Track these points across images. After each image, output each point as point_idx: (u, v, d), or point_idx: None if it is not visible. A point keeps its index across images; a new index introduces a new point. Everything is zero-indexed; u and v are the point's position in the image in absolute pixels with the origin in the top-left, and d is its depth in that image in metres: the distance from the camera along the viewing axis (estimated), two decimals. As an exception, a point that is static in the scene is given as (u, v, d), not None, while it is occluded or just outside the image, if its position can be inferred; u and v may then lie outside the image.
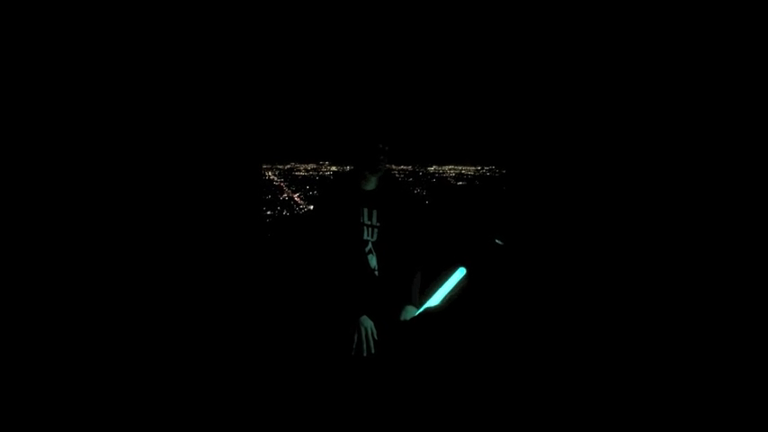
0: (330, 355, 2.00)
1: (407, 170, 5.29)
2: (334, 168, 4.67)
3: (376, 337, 1.94)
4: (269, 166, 4.48)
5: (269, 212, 4.39)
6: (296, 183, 4.68)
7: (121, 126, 2.97)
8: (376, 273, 2.05)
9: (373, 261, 2.06)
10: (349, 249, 2.04)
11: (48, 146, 2.79)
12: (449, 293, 2.08)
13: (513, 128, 4.05)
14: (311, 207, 4.32)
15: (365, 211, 2.07)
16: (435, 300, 2.07)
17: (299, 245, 2.18)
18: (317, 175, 4.67)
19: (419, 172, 5.28)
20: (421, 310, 2.04)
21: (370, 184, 2.08)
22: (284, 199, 4.65)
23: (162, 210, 3.07)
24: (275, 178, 4.64)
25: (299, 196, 4.62)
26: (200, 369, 2.53)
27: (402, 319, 2.03)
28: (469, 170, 5.33)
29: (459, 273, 2.16)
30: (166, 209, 3.08)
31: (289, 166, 4.69)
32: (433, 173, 5.35)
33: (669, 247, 3.06)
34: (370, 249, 2.07)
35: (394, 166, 5.70)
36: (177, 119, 3.11)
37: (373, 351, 1.93)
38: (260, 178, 3.72)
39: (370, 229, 2.07)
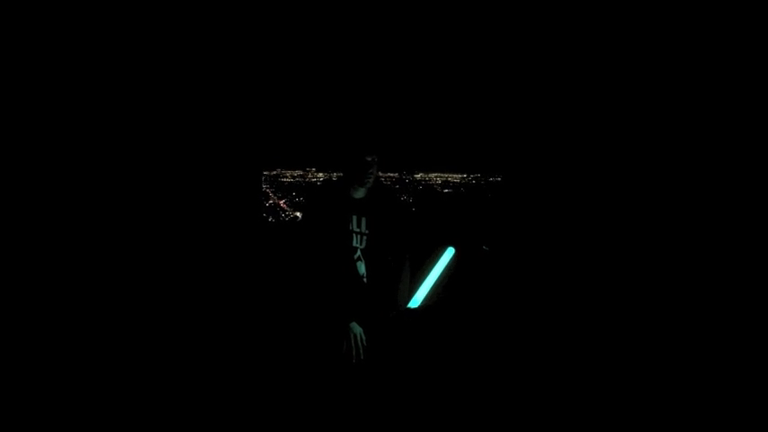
0: (320, 361, 2.01)
1: (394, 177, 5.31)
2: (320, 175, 4.67)
3: (365, 343, 1.96)
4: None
5: (259, 219, 4.38)
6: (282, 189, 4.66)
7: (120, 130, 2.96)
8: (365, 279, 2.07)
9: (362, 268, 2.08)
10: (338, 256, 2.05)
11: (48, 147, 2.77)
12: (439, 277, 2.08)
13: (500, 135, 4.11)
14: (300, 214, 4.31)
15: (354, 218, 2.09)
16: (427, 284, 2.07)
17: (289, 251, 2.18)
18: (304, 182, 4.66)
19: (406, 179, 5.31)
20: (413, 299, 2.05)
21: (360, 193, 2.10)
22: (270, 205, 4.63)
23: (158, 214, 3.05)
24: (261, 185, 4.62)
25: (285, 203, 4.61)
26: (190, 372, 2.52)
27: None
28: (455, 177, 5.38)
29: (449, 253, 2.17)
30: (163, 214, 3.06)
31: (275, 173, 4.67)
32: (420, 180, 5.39)
33: (663, 251, 3.09)
34: (359, 256, 2.08)
35: (381, 173, 5.72)
36: (173, 122, 3.11)
37: (362, 357, 1.94)
38: (259, 184, 3.73)
39: (359, 236, 2.09)
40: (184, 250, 3.07)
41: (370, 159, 2.00)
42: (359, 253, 2.08)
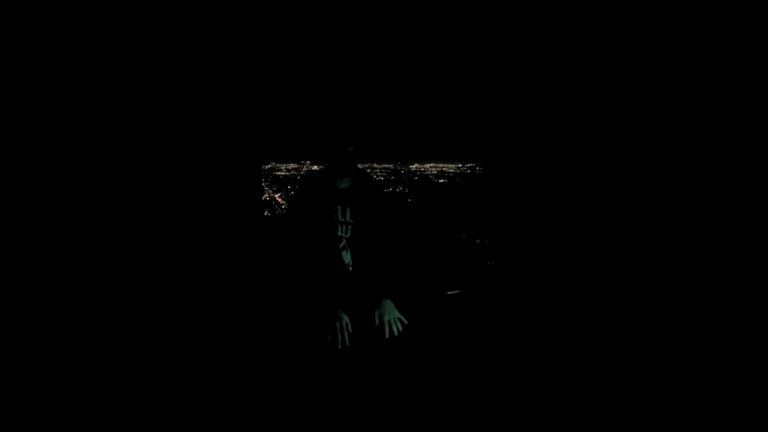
0: (307, 349, 2.03)
1: (389, 168, 5.32)
2: (315, 168, 4.68)
3: (351, 330, 1.98)
4: (250, 167, 4.50)
5: (253, 212, 4.40)
6: (277, 183, 4.67)
7: (120, 129, 2.98)
8: (350, 268, 2.09)
9: (347, 257, 2.10)
10: (323, 245, 2.07)
11: (47, 144, 2.78)
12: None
13: (493, 126, 4.11)
14: (286, 205, 4.33)
15: (339, 208, 2.11)
16: None
17: (276, 242, 2.21)
18: (299, 175, 4.67)
19: (401, 170, 5.32)
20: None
21: (344, 183, 2.12)
22: (265, 199, 4.65)
23: (152, 209, 3.07)
24: (256, 178, 4.63)
25: (280, 196, 4.63)
26: (183, 364, 2.55)
27: (379, 312, 2.03)
28: (450, 168, 5.39)
29: None
30: (157, 209, 3.08)
31: (269, 166, 4.68)
32: (415, 171, 5.39)
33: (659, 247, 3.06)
34: (345, 245, 2.10)
35: (376, 165, 5.73)
36: (168, 117, 3.12)
37: (348, 344, 1.96)
38: (259, 181, 3.74)
39: (343, 225, 2.11)
40: (180, 245, 3.10)
41: (351, 149, 2.02)
42: (344, 242, 2.10)
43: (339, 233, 2.09)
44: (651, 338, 2.78)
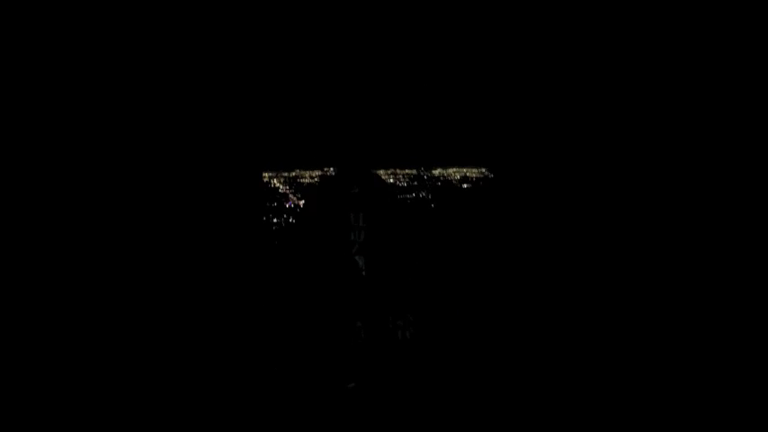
0: (320, 354, 2.06)
1: (412, 174, 5.34)
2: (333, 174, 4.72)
3: (363, 335, 2.00)
4: (274, 174, 4.57)
5: (275, 220, 4.48)
6: (301, 190, 4.75)
7: (119, 131, 3.03)
8: (363, 273, 2.12)
9: (361, 261, 2.13)
10: (337, 250, 2.11)
11: (44, 152, 2.85)
12: None
13: (514, 130, 4.08)
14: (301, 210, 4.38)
15: (352, 213, 2.14)
16: None
17: (291, 246, 2.25)
18: (322, 182, 4.74)
19: (424, 176, 5.34)
20: None
21: (356, 188, 2.15)
22: (290, 207, 4.73)
23: (160, 218, 3.13)
24: (281, 186, 4.73)
25: (304, 203, 4.69)
26: (195, 373, 2.59)
27: (392, 317, 2.06)
28: (473, 172, 5.38)
29: None
30: (164, 218, 3.14)
31: (294, 174, 4.77)
32: (438, 176, 5.40)
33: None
34: (358, 250, 2.13)
35: (398, 170, 5.74)
36: (176, 124, 3.18)
37: (360, 348, 1.98)
38: (261, 185, 3.80)
39: (357, 230, 2.14)
40: (193, 249, 3.13)
41: (363, 155, 2.05)
42: (357, 247, 2.13)
43: (352, 238, 2.12)
44: (654, 343, 2.72)
